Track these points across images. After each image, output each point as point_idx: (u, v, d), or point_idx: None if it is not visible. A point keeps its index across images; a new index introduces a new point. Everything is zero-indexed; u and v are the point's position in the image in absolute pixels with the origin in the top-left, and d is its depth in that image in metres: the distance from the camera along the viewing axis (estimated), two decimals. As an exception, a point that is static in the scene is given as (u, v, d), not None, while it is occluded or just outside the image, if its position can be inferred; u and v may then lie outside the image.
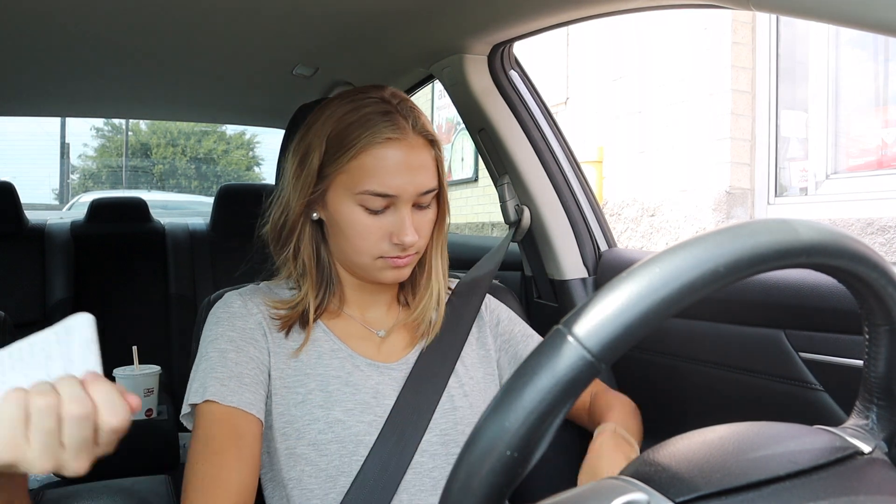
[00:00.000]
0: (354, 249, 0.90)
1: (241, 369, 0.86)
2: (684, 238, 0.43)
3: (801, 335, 0.98)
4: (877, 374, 0.54)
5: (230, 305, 0.92)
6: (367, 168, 0.86)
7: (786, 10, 0.78)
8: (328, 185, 0.89)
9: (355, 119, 0.87)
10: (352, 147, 0.86)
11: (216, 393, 0.84)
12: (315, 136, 0.89)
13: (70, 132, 13.49)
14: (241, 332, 0.89)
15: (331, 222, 0.91)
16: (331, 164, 0.88)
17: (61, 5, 1.25)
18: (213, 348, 0.88)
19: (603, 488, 0.45)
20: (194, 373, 0.88)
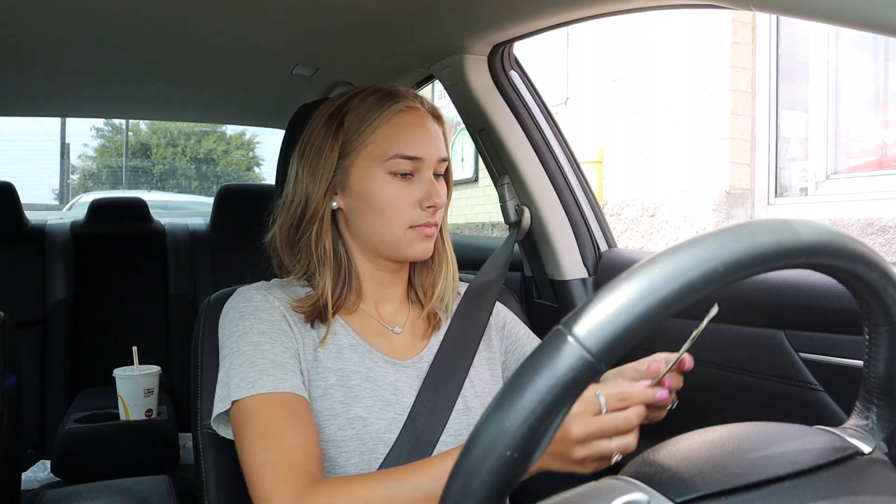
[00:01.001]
0: (387, 222, 0.90)
1: (280, 359, 0.85)
2: (684, 238, 0.43)
3: (801, 335, 0.98)
4: (877, 374, 0.54)
5: (251, 300, 0.90)
6: (393, 134, 0.90)
7: (786, 10, 0.78)
8: (351, 164, 0.90)
9: (370, 99, 0.92)
10: (375, 118, 0.90)
11: (266, 384, 0.82)
12: (328, 122, 0.92)
13: (70, 132, 13.49)
14: (270, 325, 0.88)
15: (356, 203, 0.91)
16: (352, 141, 0.90)
17: (61, 5, 1.25)
18: (245, 342, 0.86)
19: (603, 488, 0.45)
20: (229, 369, 0.85)
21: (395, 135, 0.90)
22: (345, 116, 0.91)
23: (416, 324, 0.99)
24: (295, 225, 0.93)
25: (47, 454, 2.15)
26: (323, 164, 0.90)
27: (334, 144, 0.90)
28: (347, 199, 0.92)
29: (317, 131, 0.93)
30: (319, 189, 0.91)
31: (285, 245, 0.94)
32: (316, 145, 0.92)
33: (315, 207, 0.91)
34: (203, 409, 0.98)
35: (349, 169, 0.91)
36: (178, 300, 2.60)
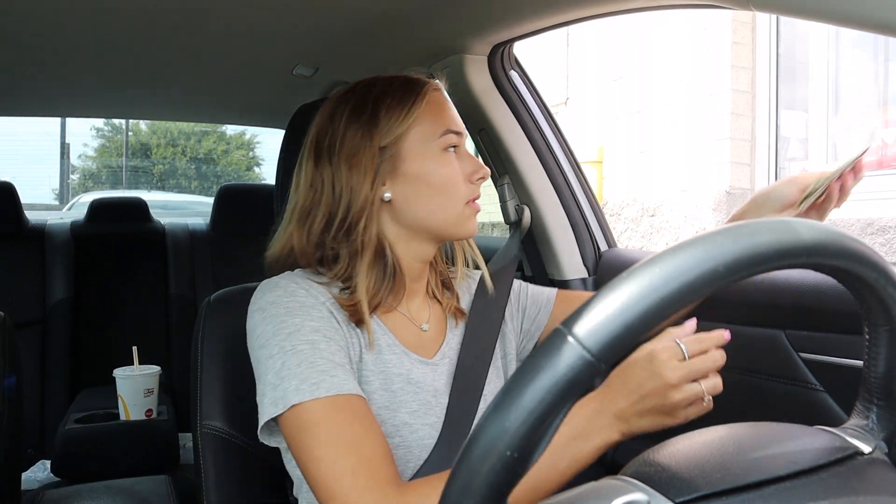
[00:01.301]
0: (449, 199, 0.88)
1: (338, 358, 0.80)
2: (684, 238, 0.43)
3: (801, 335, 0.98)
4: (877, 374, 0.54)
5: (295, 295, 0.83)
6: (435, 111, 0.89)
7: (786, 10, 0.78)
8: (399, 149, 0.87)
9: (396, 84, 0.90)
10: (413, 100, 0.88)
11: (331, 386, 0.76)
12: (355, 113, 0.87)
13: (70, 132, 13.48)
14: (321, 322, 0.82)
15: (412, 187, 0.88)
16: (395, 126, 0.86)
17: (62, 5, 1.25)
18: (299, 340, 0.79)
19: (603, 488, 0.45)
20: (280, 370, 0.78)
21: (438, 112, 0.89)
22: (377, 104, 0.87)
23: (439, 319, 0.97)
24: (333, 224, 0.87)
25: (47, 454, 2.15)
26: (363, 155, 0.86)
27: (372, 134, 0.86)
28: (399, 186, 0.88)
29: (342, 126, 0.87)
30: (366, 180, 0.85)
31: (312, 247, 0.88)
32: (348, 139, 0.87)
33: (363, 201, 0.86)
34: (203, 408, 0.98)
35: (399, 154, 0.87)
36: (178, 300, 2.60)
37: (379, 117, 0.87)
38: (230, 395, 0.99)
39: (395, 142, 0.87)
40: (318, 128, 0.90)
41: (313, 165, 0.88)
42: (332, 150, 0.87)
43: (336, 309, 0.85)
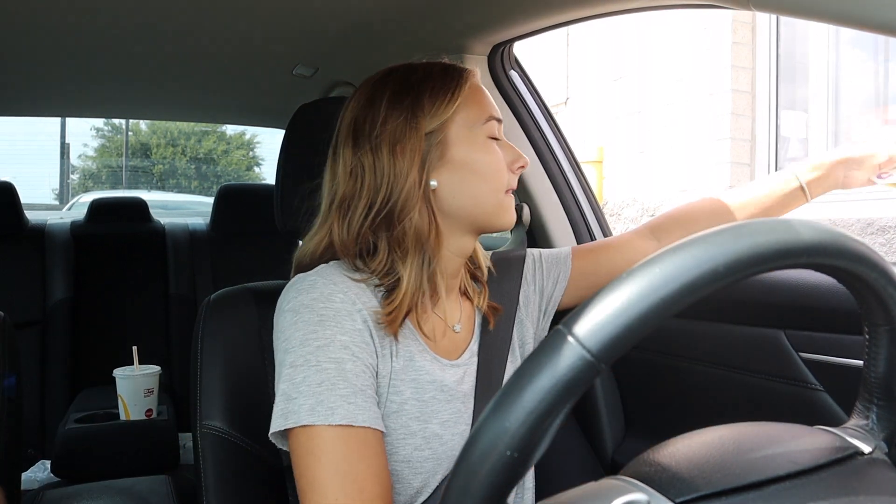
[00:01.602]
0: (491, 188, 0.85)
1: (361, 382, 0.76)
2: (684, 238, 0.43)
3: (801, 335, 0.98)
4: (877, 374, 0.54)
5: (331, 300, 0.78)
6: (477, 98, 0.86)
7: (786, 10, 0.78)
8: (445, 135, 0.83)
9: (436, 70, 0.87)
10: (457, 86, 0.85)
11: (346, 414, 0.72)
12: (396, 98, 0.84)
13: (70, 132, 13.46)
14: (352, 335, 0.77)
15: (457, 175, 0.84)
16: (440, 112, 0.83)
17: (61, 5, 1.25)
18: (325, 357, 0.75)
19: (603, 488, 0.45)
20: (301, 384, 0.74)
21: (480, 98, 0.86)
22: (420, 88, 0.84)
23: (469, 317, 0.92)
24: (372, 213, 0.82)
25: (47, 454, 2.15)
26: (408, 141, 0.82)
27: (418, 119, 0.82)
28: (444, 174, 0.84)
29: (382, 110, 0.83)
30: (413, 167, 0.82)
31: (353, 239, 0.84)
32: (390, 124, 0.83)
33: (409, 189, 0.82)
34: (203, 408, 0.98)
35: (444, 141, 0.83)
36: (178, 300, 2.60)
37: (423, 102, 0.83)
38: (230, 395, 0.99)
39: (441, 128, 0.83)
40: (356, 113, 0.86)
41: (351, 152, 0.84)
42: (374, 136, 0.83)
43: (371, 315, 0.80)
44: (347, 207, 0.84)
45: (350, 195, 0.84)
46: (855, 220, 2.50)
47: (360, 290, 0.81)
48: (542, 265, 1.02)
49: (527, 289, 1.00)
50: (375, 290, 0.83)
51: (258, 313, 1.03)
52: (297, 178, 1.06)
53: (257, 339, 1.02)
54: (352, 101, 0.88)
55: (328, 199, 0.87)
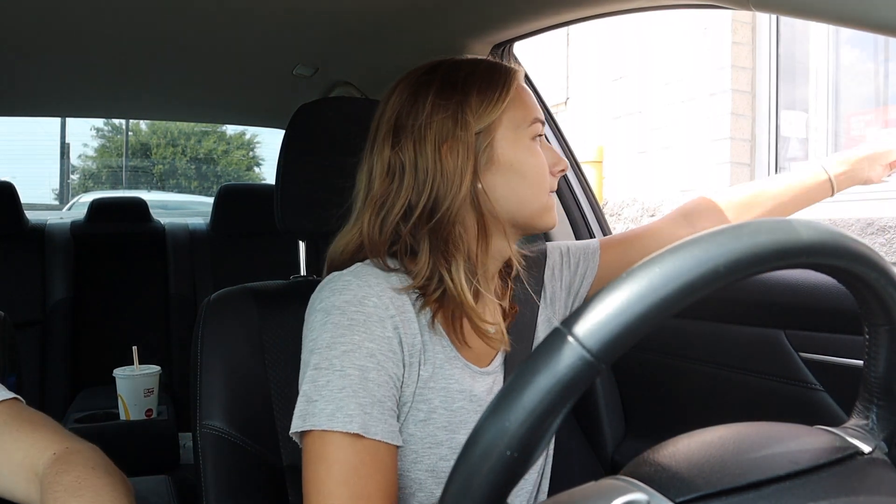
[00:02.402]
0: (536, 190, 0.83)
1: (382, 392, 0.74)
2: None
3: (801, 335, 0.98)
4: (877, 374, 0.54)
5: (364, 304, 0.76)
6: (522, 98, 0.84)
7: (786, 10, 0.78)
8: (493, 135, 0.81)
9: (482, 68, 0.84)
10: (503, 85, 0.83)
11: (361, 424, 0.71)
12: (442, 96, 0.81)
13: (70, 132, 13.46)
14: (380, 343, 0.75)
15: (503, 176, 0.82)
16: (488, 112, 0.81)
17: (61, 5, 1.25)
18: (350, 363, 0.73)
19: (603, 488, 0.45)
20: (323, 387, 0.73)
21: (526, 99, 0.84)
22: (467, 86, 0.81)
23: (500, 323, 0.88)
24: (414, 214, 0.80)
25: (47, 454, 2.15)
26: (457, 141, 0.79)
27: (466, 118, 0.80)
28: (490, 176, 0.81)
29: (427, 107, 0.80)
30: (465, 168, 0.79)
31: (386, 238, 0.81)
32: (437, 122, 0.80)
33: (457, 190, 0.79)
34: (203, 408, 0.98)
35: (492, 141, 0.81)
36: (178, 300, 2.60)
37: (471, 100, 0.80)
38: (230, 395, 0.99)
39: (489, 128, 0.81)
40: (397, 109, 0.83)
41: (391, 149, 0.81)
42: (417, 134, 0.80)
43: (403, 319, 0.78)
44: (381, 206, 0.81)
45: (385, 193, 0.81)
46: (855, 220, 2.50)
47: (395, 293, 0.79)
48: (568, 260, 1.00)
49: (553, 285, 0.98)
50: (411, 293, 0.80)
51: (258, 313, 1.03)
52: (297, 178, 1.06)
53: (257, 338, 1.02)
54: (392, 95, 0.85)
55: (362, 196, 0.84)
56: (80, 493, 0.70)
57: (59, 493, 0.68)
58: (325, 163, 1.06)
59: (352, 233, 0.84)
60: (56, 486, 0.69)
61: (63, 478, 0.71)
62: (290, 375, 1.02)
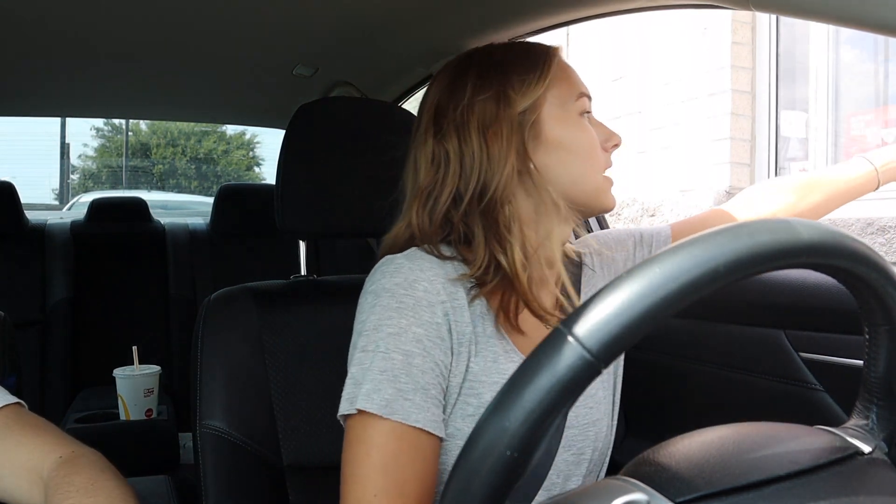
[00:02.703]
0: (590, 168, 0.81)
1: (426, 379, 0.72)
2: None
3: (801, 335, 0.98)
4: (877, 374, 0.54)
5: (414, 288, 0.74)
6: (566, 74, 0.82)
7: (786, 10, 0.78)
8: (539, 113, 0.79)
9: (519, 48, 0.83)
10: (548, 55, 0.81)
11: (399, 410, 0.70)
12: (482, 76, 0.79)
13: (70, 132, 13.46)
14: (428, 329, 0.73)
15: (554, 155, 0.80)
16: (531, 90, 0.79)
17: (61, 5, 1.25)
18: (395, 346, 0.72)
19: (603, 488, 0.45)
20: (368, 369, 0.72)
21: (570, 74, 0.83)
22: (506, 67, 0.80)
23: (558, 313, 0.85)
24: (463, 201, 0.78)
25: (47, 454, 2.15)
26: (501, 123, 0.78)
27: (509, 98, 0.78)
28: (540, 156, 0.79)
29: (468, 93, 0.79)
30: (509, 150, 0.77)
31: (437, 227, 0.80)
32: (478, 107, 0.78)
33: (506, 173, 0.77)
34: (203, 408, 0.98)
35: (538, 120, 0.79)
36: (178, 300, 2.60)
37: (512, 80, 0.79)
38: (230, 395, 0.99)
39: (534, 106, 0.79)
40: (436, 99, 0.82)
41: (434, 139, 0.80)
42: (460, 121, 0.79)
43: (455, 309, 0.76)
44: (428, 196, 0.80)
45: (432, 183, 0.80)
46: (855, 220, 2.50)
47: (449, 279, 0.77)
48: (642, 248, 0.98)
49: None
50: (466, 282, 0.78)
51: (258, 313, 1.03)
52: (297, 178, 1.06)
53: (257, 338, 1.02)
54: (431, 87, 0.84)
55: (410, 188, 0.83)
56: (93, 493, 0.70)
57: (71, 494, 0.69)
58: (325, 163, 1.06)
59: (400, 226, 0.83)
60: (67, 487, 0.70)
61: (74, 479, 0.71)
62: (290, 375, 1.03)
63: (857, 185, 1.04)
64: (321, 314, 1.06)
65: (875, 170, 1.04)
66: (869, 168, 1.04)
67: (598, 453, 0.87)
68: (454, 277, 0.77)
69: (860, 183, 1.04)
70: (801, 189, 1.04)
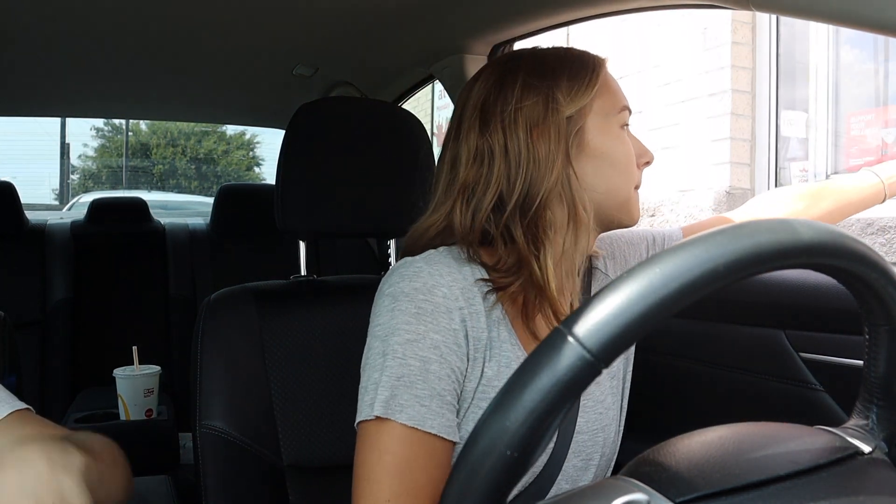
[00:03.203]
0: (626, 180, 0.82)
1: (442, 386, 0.72)
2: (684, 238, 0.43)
3: (801, 335, 0.98)
4: (877, 374, 0.54)
5: (433, 293, 0.74)
6: (610, 86, 0.82)
7: (786, 10, 0.78)
8: (584, 121, 0.79)
9: (569, 55, 0.83)
10: (596, 65, 0.81)
11: (415, 416, 0.70)
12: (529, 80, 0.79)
13: (70, 132, 13.47)
14: (446, 335, 0.73)
15: (593, 164, 0.80)
16: (583, 91, 0.79)
17: (61, 6, 1.25)
18: (412, 353, 0.72)
19: (603, 488, 0.45)
20: (383, 372, 0.72)
21: (614, 87, 0.83)
22: (557, 70, 0.80)
23: None
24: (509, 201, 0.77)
25: (47, 454, 2.15)
26: (549, 125, 0.77)
27: (558, 101, 0.78)
28: (582, 162, 0.79)
29: (517, 90, 0.79)
30: (558, 153, 0.77)
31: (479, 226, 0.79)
32: (527, 105, 0.78)
33: (553, 176, 0.76)
34: (203, 408, 0.98)
35: (583, 127, 0.79)
36: (178, 300, 2.60)
37: (561, 84, 0.79)
38: (230, 395, 0.99)
39: (580, 114, 0.79)
40: (483, 95, 0.81)
41: (479, 134, 0.79)
42: (508, 118, 0.78)
43: (472, 315, 0.75)
44: (472, 192, 0.79)
45: (475, 180, 0.79)
46: (855, 220, 2.50)
47: (466, 284, 0.76)
48: (654, 251, 0.97)
49: None
50: (482, 286, 0.77)
51: (258, 313, 1.03)
52: (297, 178, 1.06)
53: (257, 338, 1.02)
54: (477, 81, 0.83)
55: (444, 183, 0.82)
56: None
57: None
58: (325, 163, 1.06)
59: (435, 217, 0.82)
60: None
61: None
62: (290, 375, 1.03)
63: (865, 196, 1.05)
64: (321, 314, 1.06)
65: (882, 182, 1.05)
66: (876, 181, 1.05)
67: (604, 459, 0.87)
68: (472, 282, 0.77)
69: (868, 195, 1.05)
70: (809, 197, 1.05)
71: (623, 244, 0.99)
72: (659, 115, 3.49)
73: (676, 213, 3.34)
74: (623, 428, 0.92)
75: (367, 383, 0.73)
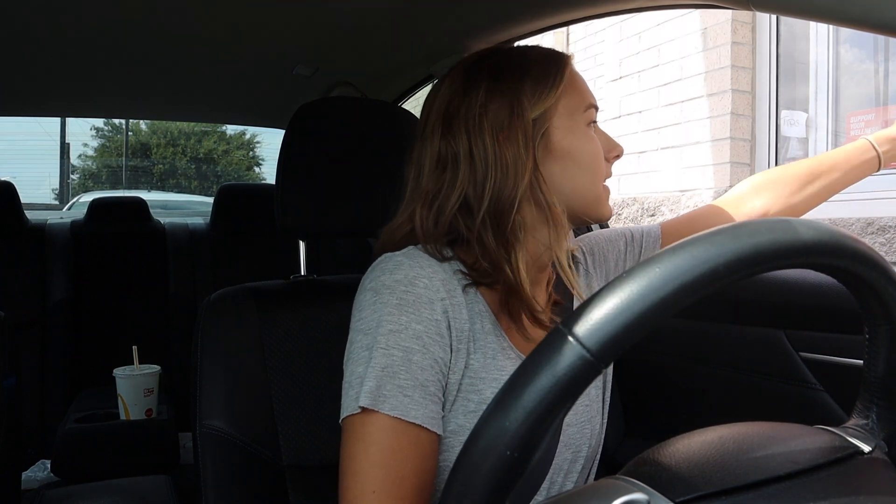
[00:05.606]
0: (593, 178, 0.82)
1: (425, 376, 0.73)
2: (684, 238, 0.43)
3: (801, 335, 0.98)
4: (877, 374, 0.54)
5: (414, 285, 0.74)
6: (577, 84, 0.83)
7: (786, 10, 0.78)
8: (549, 121, 0.80)
9: (535, 53, 0.83)
10: (561, 65, 0.82)
11: (398, 406, 0.70)
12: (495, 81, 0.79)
13: (70, 132, 13.46)
14: (428, 326, 0.74)
15: (559, 164, 0.80)
16: (543, 98, 0.79)
17: (61, 6, 1.25)
18: (395, 344, 0.72)
19: (603, 488, 0.45)
20: (368, 365, 0.72)
21: (580, 85, 0.83)
22: (521, 72, 0.80)
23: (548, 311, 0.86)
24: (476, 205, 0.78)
25: (47, 454, 2.15)
26: (515, 128, 0.78)
27: (522, 104, 0.78)
28: (548, 163, 0.80)
29: (481, 95, 0.79)
30: (527, 157, 0.77)
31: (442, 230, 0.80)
32: (492, 110, 0.78)
33: (522, 180, 0.77)
34: (203, 408, 0.98)
35: (548, 129, 0.79)
36: (178, 300, 2.60)
37: (525, 86, 0.79)
38: (230, 395, 0.99)
39: (545, 115, 0.79)
40: (447, 98, 0.81)
41: (443, 140, 0.80)
42: (472, 123, 0.78)
43: (454, 306, 0.76)
44: (434, 197, 0.80)
45: (438, 184, 0.80)
46: (855, 220, 2.50)
47: (447, 276, 0.77)
48: (632, 248, 0.99)
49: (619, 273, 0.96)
50: (462, 280, 0.78)
51: (258, 313, 1.03)
52: (297, 178, 1.06)
53: (257, 338, 1.02)
54: (442, 86, 0.84)
55: (411, 186, 0.83)
56: None
57: None
58: (325, 163, 1.06)
59: (399, 221, 0.83)
60: None
61: None
62: (291, 375, 1.03)
63: (858, 169, 1.03)
64: (321, 314, 1.06)
65: (877, 154, 1.02)
66: (870, 151, 1.03)
67: (591, 450, 0.88)
68: (451, 275, 0.78)
69: (862, 167, 1.03)
70: (807, 175, 1.02)
71: (602, 241, 0.99)
72: (659, 115, 3.49)
73: (676, 213, 3.34)
74: (606, 420, 0.92)
75: (352, 378, 0.73)
